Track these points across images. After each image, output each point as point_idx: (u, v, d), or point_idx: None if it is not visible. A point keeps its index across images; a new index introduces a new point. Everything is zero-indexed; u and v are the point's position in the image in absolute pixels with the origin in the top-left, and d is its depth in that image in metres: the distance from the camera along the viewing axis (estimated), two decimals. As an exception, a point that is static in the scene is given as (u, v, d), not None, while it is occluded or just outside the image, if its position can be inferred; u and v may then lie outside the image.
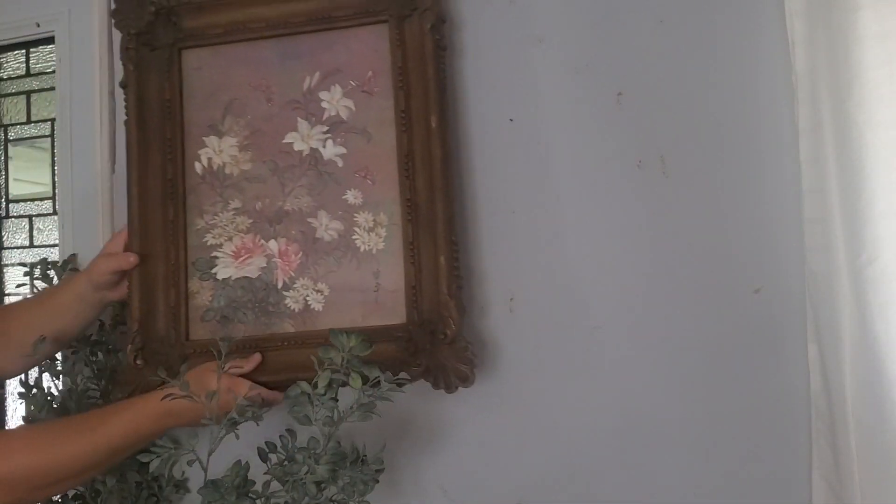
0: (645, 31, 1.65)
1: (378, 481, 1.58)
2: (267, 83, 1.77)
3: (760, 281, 1.57)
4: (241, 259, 1.75)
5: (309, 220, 1.73)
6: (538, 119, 1.71)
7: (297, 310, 1.72)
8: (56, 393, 1.89)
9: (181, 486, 1.86)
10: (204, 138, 1.79)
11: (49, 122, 2.24)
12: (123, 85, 1.81)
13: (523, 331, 1.72)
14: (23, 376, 2.20)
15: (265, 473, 1.56)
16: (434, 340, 1.61)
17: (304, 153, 1.74)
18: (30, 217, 2.28)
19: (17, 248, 2.29)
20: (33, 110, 2.29)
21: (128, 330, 1.75)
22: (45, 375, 1.90)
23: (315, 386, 1.49)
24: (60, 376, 1.91)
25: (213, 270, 1.76)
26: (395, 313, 1.66)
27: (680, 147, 1.62)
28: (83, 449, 1.42)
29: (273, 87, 1.77)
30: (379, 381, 1.48)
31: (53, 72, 2.17)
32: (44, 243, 2.26)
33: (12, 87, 2.30)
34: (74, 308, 1.77)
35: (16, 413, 2.27)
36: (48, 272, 1.96)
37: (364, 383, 1.48)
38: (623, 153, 1.65)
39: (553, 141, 1.70)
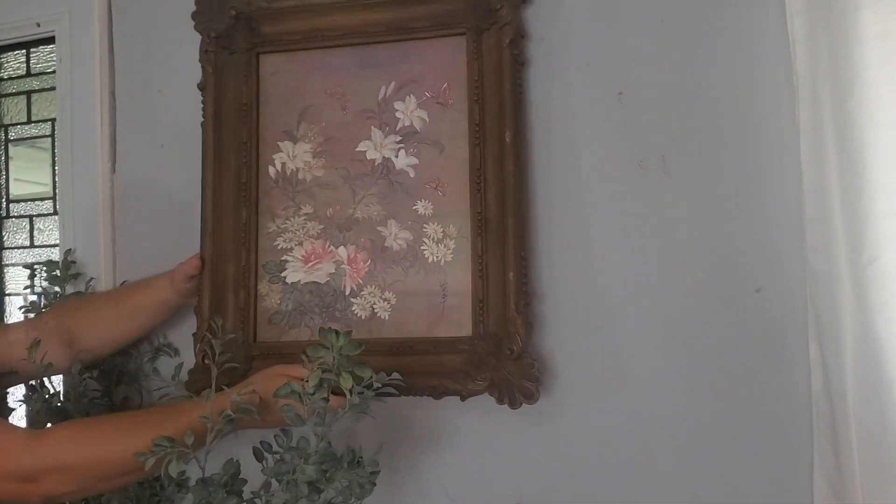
0: (645, 30, 1.64)
1: (375, 484, 1.57)
2: (342, 91, 1.79)
3: (761, 280, 1.56)
4: (311, 264, 1.78)
5: (378, 228, 1.75)
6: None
7: (363, 317, 1.74)
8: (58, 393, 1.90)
9: (183, 485, 1.85)
10: (278, 143, 1.82)
11: (49, 122, 2.25)
12: (201, 87, 1.85)
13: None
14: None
15: (262, 472, 1.55)
16: (499, 355, 1.62)
17: (376, 162, 1.75)
18: (30, 217, 2.28)
19: (18, 248, 2.29)
20: (34, 110, 2.29)
21: (197, 330, 1.78)
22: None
23: (305, 386, 1.48)
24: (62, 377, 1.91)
25: (283, 274, 1.79)
26: (460, 326, 1.67)
27: (681, 147, 1.61)
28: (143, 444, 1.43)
29: (348, 94, 1.78)
30: (371, 383, 1.47)
31: (54, 72, 2.17)
32: (44, 243, 2.26)
33: (13, 87, 2.31)
34: (153, 311, 1.83)
35: (14, 417, 2.26)
36: (55, 273, 1.96)
37: (356, 383, 1.47)
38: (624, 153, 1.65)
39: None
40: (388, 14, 1.74)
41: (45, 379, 1.86)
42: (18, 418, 2.04)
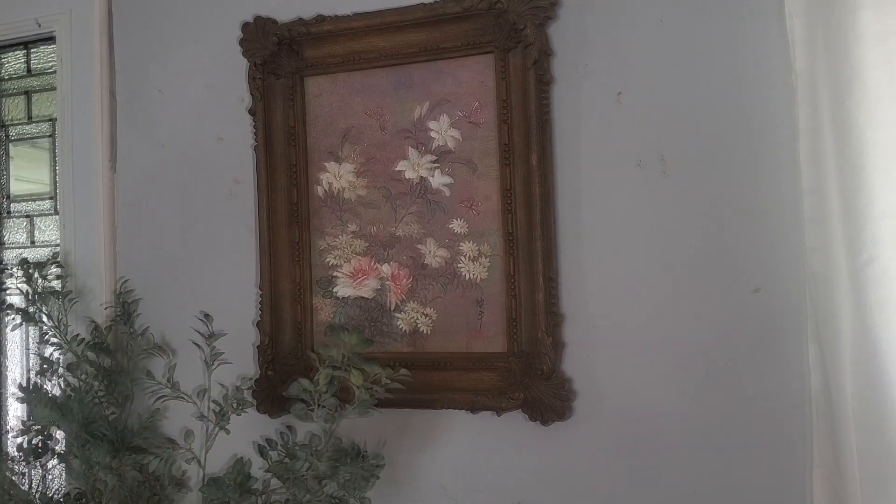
0: (645, 30, 1.65)
1: (378, 477, 1.60)
2: (381, 111, 1.83)
3: (760, 280, 1.57)
4: (358, 280, 1.84)
5: (418, 246, 1.80)
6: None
7: (407, 331, 1.81)
8: (58, 393, 1.90)
9: (182, 484, 1.86)
10: (325, 163, 1.88)
11: (50, 122, 2.25)
12: (252, 112, 1.91)
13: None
14: (21, 379, 2.22)
15: (266, 471, 1.57)
16: (531, 373, 1.67)
17: (414, 181, 1.80)
18: (30, 216, 2.28)
19: (18, 246, 2.29)
20: (34, 109, 2.29)
21: (259, 343, 1.88)
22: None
23: (317, 383, 1.51)
24: (62, 378, 1.91)
25: (334, 289, 1.86)
26: (496, 342, 1.74)
27: (680, 147, 1.62)
28: None
29: (386, 115, 1.83)
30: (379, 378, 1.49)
31: (54, 71, 2.17)
32: (45, 242, 2.26)
33: (13, 87, 2.30)
34: None
35: (16, 413, 2.27)
36: (31, 272, 1.96)
37: (364, 380, 1.49)
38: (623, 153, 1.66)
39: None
40: (421, 35, 1.77)
41: (45, 377, 1.87)
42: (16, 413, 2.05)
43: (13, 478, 1.82)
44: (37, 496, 1.84)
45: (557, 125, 1.70)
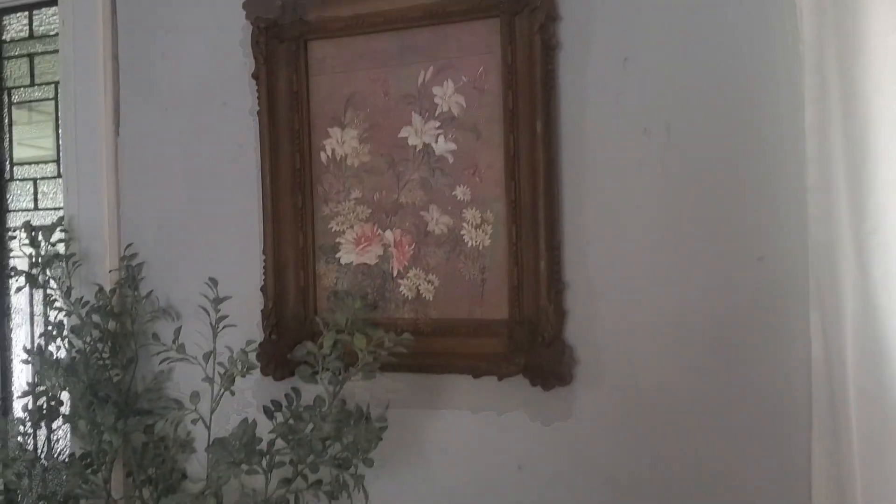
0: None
1: (381, 438, 1.62)
2: (384, 76, 1.82)
3: (764, 249, 1.58)
4: (361, 247, 1.85)
5: (421, 213, 1.80)
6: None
7: (410, 297, 1.81)
8: (64, 356, 1.91)
9: (187, 445, 1.88)
10: (328, 129, 1.87)
11: (53, 85, 2.24)
12: (255, 77, 1.90)
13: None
14: (26, 342, 2.24)
15: (271, 433, 1.58)
16: (533, 340, 1.69)
17: (417, 148, 1.80)
18: (34, 180, 2.28)
19: (23, 210, 2.29)
20: (37, 73, 2.28)
21: (263, 307, 1.89)
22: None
23: (321, 346, 1.52)
24: (66, 340, 1.93)
25: (338, 255, 1.86)
26: (498, 309, 1.74)
27: (685, 114, 1.62)
28: None
29: (390, 80, 1.82)
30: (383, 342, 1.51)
31: (57, 34, 2.16)
32: (48, 206, 2.26)
33: (15, 50, 2.30)
34: None
35: (21, 376, 2.29)
36: (35, 236, 1.97)
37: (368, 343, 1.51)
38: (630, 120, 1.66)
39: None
40: None
41: (50, 340, 1.89)
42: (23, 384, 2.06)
43: (20, 439, 1.84)
44: (43, 457, 1.86)
45: (563, 92, 1.69)
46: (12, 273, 2.06)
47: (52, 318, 1.98)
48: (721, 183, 1.60)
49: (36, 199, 2.28)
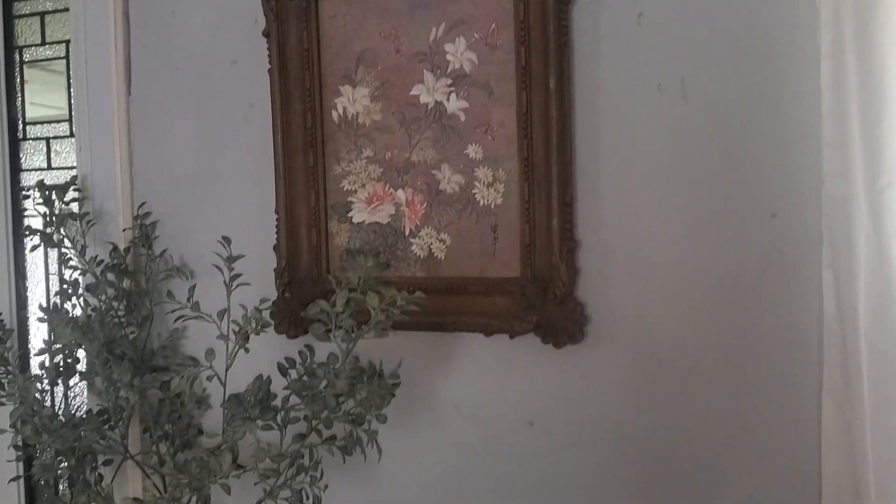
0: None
1: (394, 395, 1.64)
2: (396, 33, 1.81)
3: (777, 205, 1.57)
4: (373, 206, 1.85)
5: (433, 171, 1.80)
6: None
7: (422, 256, 1.82)
8: (79, 314, 1.93)
9: (203, 402, 1.91)
10: (339, 87, 1.86)
11: (64, 44, 2.24)
12: (266, 34, 1.89)
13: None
14: (42, 300, 2.26)
15: (285, 389, 1.60)
16: (545, 298, 1.69)
17: (429, 106, 1.79)
18: (47, 139, 2.29)
19: (36, 169, 2.30)
20: (48, 32, 2.27)
21: (276, 266, 1.90)
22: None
23: (334, 304, 1.53)
24: (82, 299, 1.94)
25: (350, 214, 1.87)
26: (510, 267, 1.74)
27: (700, 70, 1.61)
28: None
29: (401, 37, 1.80)
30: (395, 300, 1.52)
31: (67, -8, 2.15)
32: (62, 165, 2.27)
33: (26, 8, 2.29)
34: None
35: (37, 334, 2.31)
36: (49, 195, 1.98)
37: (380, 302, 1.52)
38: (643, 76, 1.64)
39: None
40: None
41: (66, 298, 1.90)
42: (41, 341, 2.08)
43: (38, 395, 1.86)
44: (61, 413, 1.89)
45: (576, 47, 1.68)
46: (27, 232, 2.08)
47: (67, 277, 1.99)
48: (735, 139, 1.59)
49: (49, 159, 2.29)
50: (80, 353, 1.97)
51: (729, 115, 1.59)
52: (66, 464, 1.83)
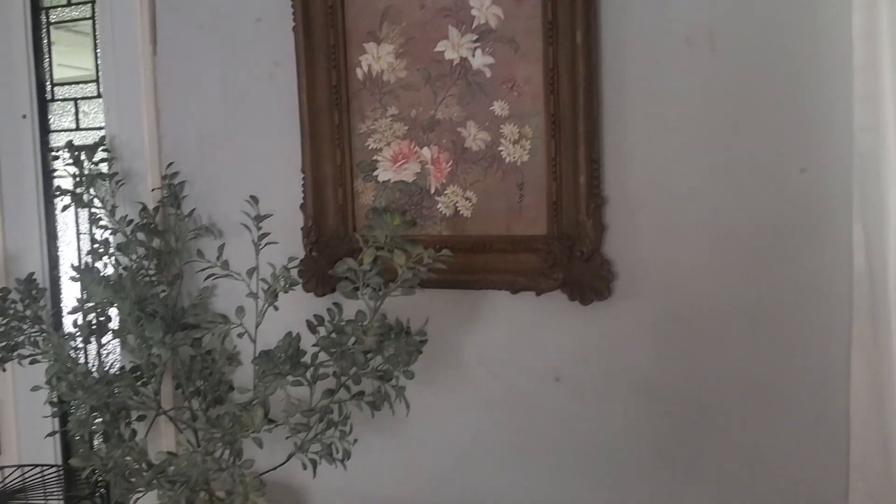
0: None
1: (421, 352, 1.65)
2: None
3: (807, 160, 1.55)
4: (399, 164, 1.85)
5: (458, 129, 1.79)
6: None
7: (448, 214, 1.82)
8: (111, 273, 1.96)
9: (233, 358, 1.93)
10: (364, 45, 1.85)
11: (90, 4, 2.24)
12: None
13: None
14: (73, 260, 2.29)
15: (314, 346, 1.62)
16: (571, 255, 1.69)
17: (454, 62, 1.77)
18: (75, 100, 2.30)
19: (65, 130, 2.32)
20: (73, -8, 2.28)
21: (303, 225, 1.92)
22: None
23: (361, 262, 1.54)
24: (113, 258, 1.97)
25: (375, 173, 1.87)
26: (536, 225, 1.74)
27: (728, 23, 1.58)
28: None
29: None
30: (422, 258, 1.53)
31: (92, -48, 2.16)
32: (90, 126, 2.29)
33: (52, -32, 2.30)
34: None
35: (70, 293, 2.35)
36: (78, 156, 2.00)
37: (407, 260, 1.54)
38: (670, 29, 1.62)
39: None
40: None
41: (96, 258, 1.93)
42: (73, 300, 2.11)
43: (72, 353, 1.90)
44: (95, 370, 1.92)
45: (603, 1, 1.65)
46: (57, 193, 2.10)
47: (97, 237, 2.02)
48: (764, 93, 1.57)
49: (77, 119, 2.31)
50: (112, 312, 2.00)
51: (758, 68, 1.57)
52: (100, 419, 1.87)
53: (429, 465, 1.91)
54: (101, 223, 2.01)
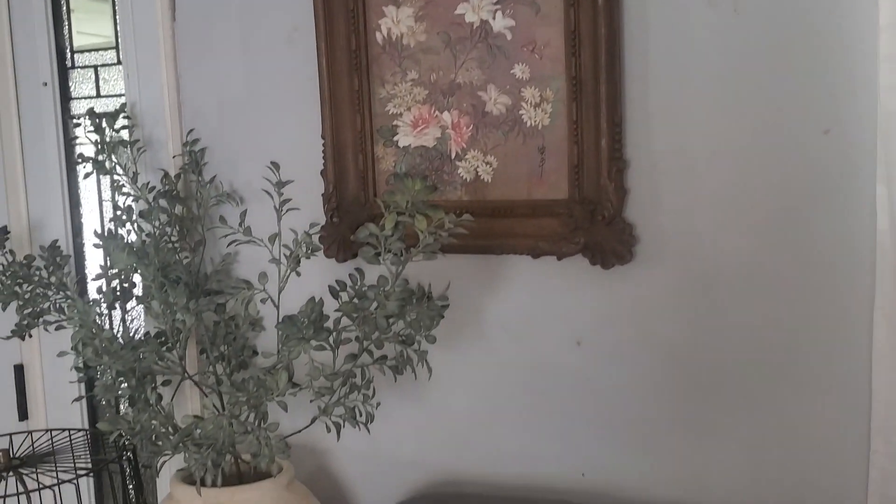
0: None
1: (443, 316, 1.66)
2: None
3: (830, 122, 1.54)
4: (419, 129, 1.84)
5: (479, 93, 1.77)
6: None
7: (468, 179, 1.81)
8: (134, 240, 1.98)
9: (257, 324, 1.95)
10: (383, 8, 1.83)
11: (108, -30, 2.24)
12: None
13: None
14: (97, 227, 2.31)
15: (337, 311, 1.63)
16: (593, 219, 1.68)
17: (474, 25, 1.76)
18: (95, 67, 2.31)
19: (85, 98, 2.33)
20: (91, -42, 2.28)
21: (324, 191, 1.92)
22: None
23: (382, 228, 1.55)
24: (136, 224, 1.99)
25: (395, 138, 1.86)
26: (558, 189, 1.73)
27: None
28: None
29: None
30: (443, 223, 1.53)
31: (109, -84, 2.15)
32: (110, 93, 2.30)
33: (69, -66, 2.29)
34: None
35: (94, 260, 2.37)
36: (99, 123, 2.00)
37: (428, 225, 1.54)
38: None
39: None
40: None
41: (119, 224, 1.95)
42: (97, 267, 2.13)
43: (97, 319, 1.92)
44: (120, 336, 1.95)
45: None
46: (80, 160, 2.11)
47: (120, 204, 2.03)
48: (787, 53, 1.56)
49: (98, 87, 2.31)
50: (136, 279, 2.02)
51: (781, 28, 1.55)
52: (126, 384, 1.89)
53: (450, 428, 1.93)
54: (124, 190, 2.03)
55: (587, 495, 1.79)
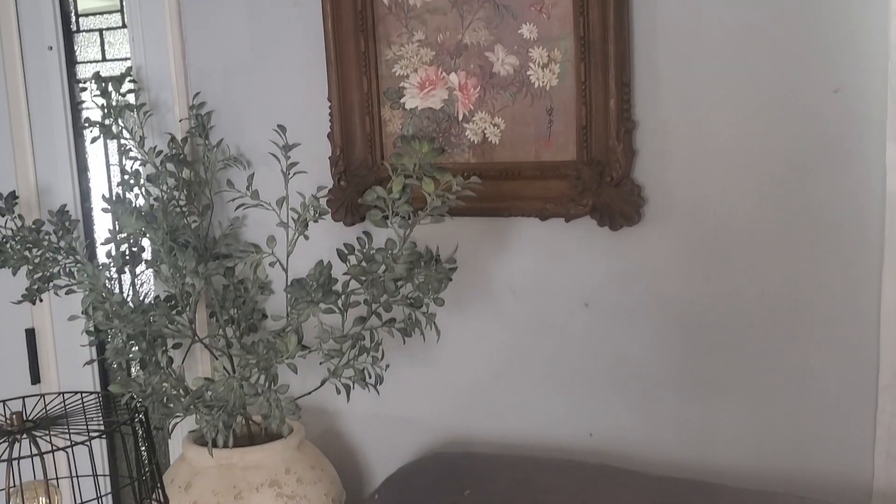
0: None
1: (451, 279, 1.67)
2: None
3: (840, 81, 1.52)
4: (426, 91, 1.82)
5: (486, 54, 1.75)
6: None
7: (476, 141, 1.80)
8: (142, 204, 1.98)
9: (266, 287, 1.96)
10: None
11: (111, -68, 2.22)
12: None
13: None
14: (105, 191, 2.32)
15: (345, 274, 1.64)
16: (601, 181, 1.67)
17: None
18: (100, 31, 2.30)
19: (91, 62, 2.32)
20: (96, -80, 2.26)
21: (331, 154, 1.90)
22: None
23: (390, 191, 1.55)
24: (143, 189, 1.99)
25: (402, 100, 1.85)
26: (566, 150, 1.72)
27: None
28: None
29: None
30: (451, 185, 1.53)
31: None
32: (116, 57, 2.28)
33: None
34: None
35: (102, 225, 2.38)
36: (105, 87, 2.00)
37: (436, 187, 1.54)
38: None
39: None
40: None
41: (127, 189, 1.95)
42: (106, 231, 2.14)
43: (107, 283, 1.93)
44: (130, 300, 1.96)
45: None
46: (86, 124, 2.11)
47: (128, 168, 2.03)
48: (796, 11, 1.54)
49: (103, 50, 2.30)
50: (145, 243, 2.03)
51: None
52: (136, 347, 1.90)
53: (459, 390, 1.94)
54: (131, 154, 2.03)
55: (595, 455, 1.80)
